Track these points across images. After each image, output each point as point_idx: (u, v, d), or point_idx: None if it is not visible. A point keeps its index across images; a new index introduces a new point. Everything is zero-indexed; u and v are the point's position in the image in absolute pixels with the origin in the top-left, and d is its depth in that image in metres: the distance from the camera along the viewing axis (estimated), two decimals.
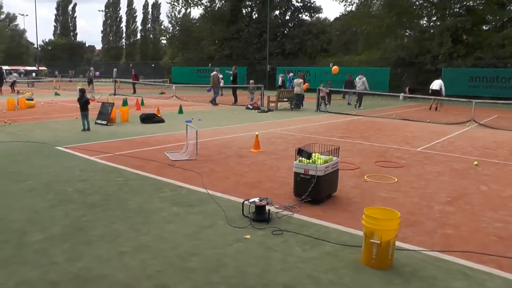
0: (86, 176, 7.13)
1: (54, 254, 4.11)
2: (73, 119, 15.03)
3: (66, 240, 4.43)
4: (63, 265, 3.89)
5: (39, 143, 10.18)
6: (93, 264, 3.91)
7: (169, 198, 5.97)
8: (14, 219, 5.07)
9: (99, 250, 4.20)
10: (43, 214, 5.25)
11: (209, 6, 58.10)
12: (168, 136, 11.74)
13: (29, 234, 4.58)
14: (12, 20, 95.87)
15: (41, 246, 4.29)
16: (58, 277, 3.66)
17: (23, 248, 4.25)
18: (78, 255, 4.09)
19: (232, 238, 4.55)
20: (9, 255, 4.07)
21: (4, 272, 3.74)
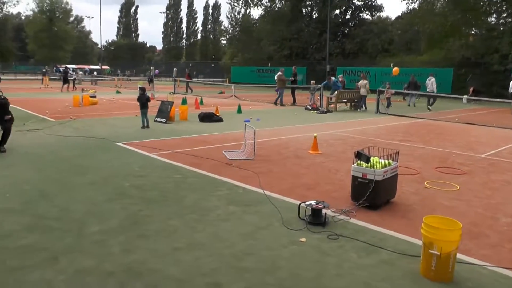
0: (144, 172, 7.36)
1: (111, 245, 4.27)
2: (133, 116, 15.59)
3: (123, 233, 4.60)
4: (118, 256, 4.03)
5: (100, 138, 10.65)
6: (148, 257, 4.02)
7: (226, 197, 6.04)
8: (75, 210, 5.33)
9: (154, 245, 4.32)
10: (102, 207, 5.48)
11: (269, 6, 58.49)
12: (226, 135, 11.90)
13: (88, 225, 4.80)
14: (79, 22, 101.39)
15: (99, 237, 4.48)
16: (113, 267, 3.80)
17: (82, 238, 4.46)
18: (134, 248, 4.23)
19: (287, 240, 4.53)
20: (70, 244, 4.29)
21: (65, 259, 3.95)
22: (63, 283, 3.52)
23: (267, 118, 16.65)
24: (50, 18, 69.21)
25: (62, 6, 71.38)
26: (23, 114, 15.31)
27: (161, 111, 14.64)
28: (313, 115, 18.45)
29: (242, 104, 20.25)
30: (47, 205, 5.48)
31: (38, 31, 68.57)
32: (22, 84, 39.83)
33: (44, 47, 69.04)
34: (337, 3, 53.50)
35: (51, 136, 10.94)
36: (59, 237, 4.46)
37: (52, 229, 4.68)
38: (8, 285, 3.49)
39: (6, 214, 5.13)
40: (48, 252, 4.08)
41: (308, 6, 57.87)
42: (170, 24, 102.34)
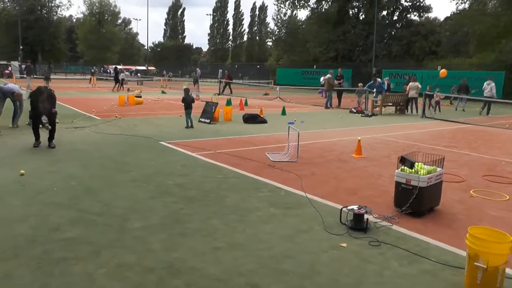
0: (187, 171, 7.49)
1: (151, 242, 4.37)
2: (177, 116, 15.88)
3: (164, 230, 4.69)
4: (159, 253, 4.11)
5: (144, 137, 10.92)
6: (188, 255, 4.08)
7: (267, 199, 6.05)
8: (118, 206, 5.50)
9: (194, 243, 4.38)
10: (144, 204, 5.61)
11: (316, 7, 58.24)
12: (270, 137, 11.93)
13: (130, 221, 4.93)
14: (127, 25, 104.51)
15: (140, 233, 4.59)
16: (153, 264, 3.89)
17: (124, 233, 4.58)
18: (174, 245, 4.30)
19: (327, 245, 4.49)
20: (112, 239, 4.43)
21: (107, 253, 4.07)
22: (104, 277, 3.63)
23: (311, 120, 16.57)
24: (99, 21, 71.60)
25: (110, 9, 73.73)
26: (71, 112, 15.89)
27: (205, 112, 14.85)
28: (357, 118, 18.23)
29: (286, 106, 20.22)
30: (91, 201, 5.67)
31: (88, 32, 71.08)
32: (71, 84, 41.39)
33: (93, 48, 71.49)
34: (384, 4, 52.69)
35: (97, 134, 11.32)
36: (102, 231, 4.61)
37: (96, 224, 4.84)
38: (53, 275, 3.63)
39: (53, 207, 5.35)
40: (91, 246, 4.22)
41: (355, 7, 57.29)
42: (216, 26, 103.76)
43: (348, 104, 23.50)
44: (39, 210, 5.23)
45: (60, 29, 72.73)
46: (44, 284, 3.48)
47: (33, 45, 65.69)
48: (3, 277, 3.59)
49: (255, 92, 37.70)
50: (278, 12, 67.47)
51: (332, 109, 22.60)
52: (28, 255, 4.00)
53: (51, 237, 4.42)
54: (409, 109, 21.59)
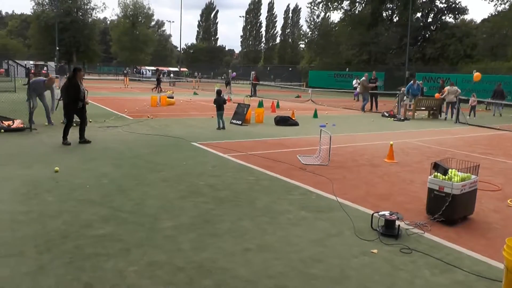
0: (218, 172, 7.53)
1: (182, 241, 4.41)
2: (209, 117, 16.01)
3: (194, 230, 4.73)
4: (189, 253, 4.15)
5: (176, 137, 11.05)
6: (218, 256, 4.10)
7: (298, 201, 6.03)
8: (149, 205, 5.57)
9: (224, 244, 4.40)
10: (174, 204, 5.67)
11: (349, 10, 57.80)
12: (301, 139, 11.88)
13: (160, 221, 4.99)
14: (160, 26, 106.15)
15: (171, 233, 4.64)
16: (183, 263, 3.92)
17: (154, 232, 4.64)
18: (204, 245, 4.33)
19: (358, 250, 4.44)
20: (143, 237, 4.49)
21: (138, 251, 4.13)
22: (135, 274, 3.68)
23: (343, 123, 16.44)
24: (133, 23, 72.90)
25: (144, 11, 74.95)
26: (104, 111, 16.23)
27: (237, 113, 14.92)
28: (390, 122, 17.97)
29: (318, 109, 20.12)
30: (123, 199, 5.77)
31: (121, 34, 72.47)
32: (104, 84, 42.25)
33: (126, 50, 72.84)
34: (419, 6, 51.80)
35: (129, 133, 11.52)
36: (133, 230, 4.68)
37: (127, 222, 4.92)
38: (85, 270, 3.71)
39: (86, 204, 5.47)
40: (122, 244, 4.29)
41: (389, 9, 56.56)
42: (249, 28, 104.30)
43: (381, 107, 23.22)
44: (72, 207, 5.36)
45: (94, 31, 74.41)
46: (76, 278, 3.57)
47: (69, 46, 67.49)
48: (37, 269, 3.70)
49: (287, 94, 37.66)
50: (311, 14, 67.32)
51: (365, 112, 22.36)
52: (61, 249, 4.10)
53: (83, 233, 4.52)
54: (447, 113, 21.12)
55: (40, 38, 68.77)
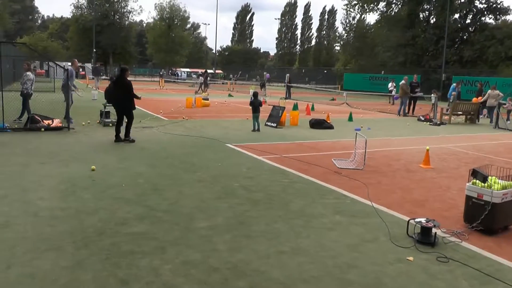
0: (253, 174, 7.55)
1: (216, 242, 4.43)
2: (244, 119, 16.08)
3: (229, 231, 4.75)
4: (223, 253, 4.17)
5: (210, 139, 11.14)
6: (252, 258, 4.11)
7: (332, 205, 5.98)
8: (184, 205, 5.64)
9: (258, 246, 4.40)
10: (209, 204, 5.71)
11: (385, 11, 57.00)
12: (336, 143, 11.79)
13: (195, 220, 5.04)
14: (196, 29, 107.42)
15: (206, 233, 4.67)
16: (218, 264, 3.94)
17: (189, 232, 4.69)
18: (239, 247, 4.34)
19: (393, 257, 4.36)
20: (178, 237, 4.55)
21: (173, 250, 4.19)
22: (169, 272, 3.73)
23: (378, 127, 16.21)
24: (169, 25, 73.95)
25: (180, 14, 75.94)
26: (140, 112, 16.49)
27: (272, 116, 14.93)
28: (425, 127, 17.60)
29: (353, 112, 19.93)
30: (158, 198, 5.86)
31: (157, 37, 73.63)
32: (140, 85, 42.91)
33: (162, 52, 73.96)
34: (457, 7, 50.39)
35: (164, 134, 11.69)
36: (168, 229, 4.74)
37: (162, 220, 4.99)
38: (121, 267, 3.79)
39: (121, 203, 5.58)
40: (157, 242, 4.35)
41: (426, 11, 55.33)
42: (284, 30, 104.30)
43: (416, 111, 22.81)
44: (108, 204, 5.47)
45: (130, 33, 75.92)
46: (112, 274, 3.65)
47: (105, 48, 69.18)
48: (75, 264, 3.81)
49: (321, 97, 37.43)
50: (346, 16, 66.80)
51: (400, 116, 21.99)
52: (98, 246, 4.20)
53: (119, 230, 4.61)
54: (489, 118, 20.51)
55: (78, 40, 70.86)
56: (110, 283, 3.51)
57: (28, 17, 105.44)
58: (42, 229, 4.59)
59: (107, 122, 12.75)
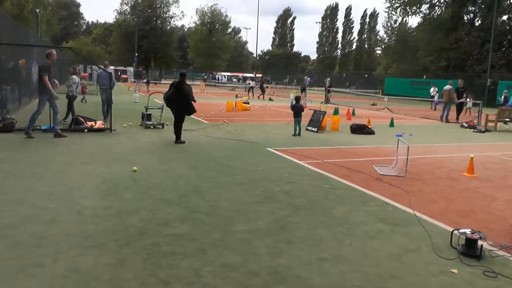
0: (294, 179, 7.50)
1: (257, 246, 4.41)
2: (284, 123, 16.04)
3: (269, 236, 4.72)
4: (263, 258, 4.14)
5: (251, 142, 11.16)
6: (293, 263, 4.06)
7: (375, 213, 5.86)
8: (224, 207, 5.65)
9: (299, 252, 4.35)
10: (249, 208, 5.70)
11: (428, 14, 55.73)
12: (377, 148, 11.59)
13: (235, 224, 5.04)
14: (236, 33, 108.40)
15: (245, 236, 4.66)
16: (258, 268, 3.92)
17: (229, 234, 4.69)
18: (279, 252, 4.30)
19: (437, 269, 4.21)
20: (217, 239, 4.55)
21: (213, 252, 4.20)
22: (210, 274, 3.73)
23: (420, 133, 15.84)
24: (210, 30, 74.95)
25: (221, 19, 76.83)
26: None
27: (313, 121, 14.85)
28: (469, 134, 17.05)
29: (394, 118, 19.58)
30: (198, 200, 5.90)
31: (198, 41, 74.73)
32: None
33: (202, 56, 75.01)
34: (505, 8, 48.54)
35: (204, 137, 11.80)
36: (208, 231, 4.76)
37: (202, 222, 5.01)
38: (161, 267, 3.83)
39: (162, 204, 5.65)
40: (198, 243, 4.38)
41: (471, 13, 53.68)
42: (325, 34, 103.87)
43: (460, 117, 22.20)
44: (149, 205, 5.55)
45: (172, 38, 77.37)
46: (153, 274, 3.69)
47: (147, 53, 70.84)
48: (117, 262, 3.89)
49: (362, 102, 36.98)
50: (388, 19, 65.83)
51: (443, 122, 21.44)
52: (139, 245, 4.27)
53: (160, 231, 4.67)
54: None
55: (120, 45, 72.94)
56: (151, 282, 3.55)
57: (74, 23, 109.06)
58: (86, 226, 4.70)
59: (148, 124, 12.98)
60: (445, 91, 22.36)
